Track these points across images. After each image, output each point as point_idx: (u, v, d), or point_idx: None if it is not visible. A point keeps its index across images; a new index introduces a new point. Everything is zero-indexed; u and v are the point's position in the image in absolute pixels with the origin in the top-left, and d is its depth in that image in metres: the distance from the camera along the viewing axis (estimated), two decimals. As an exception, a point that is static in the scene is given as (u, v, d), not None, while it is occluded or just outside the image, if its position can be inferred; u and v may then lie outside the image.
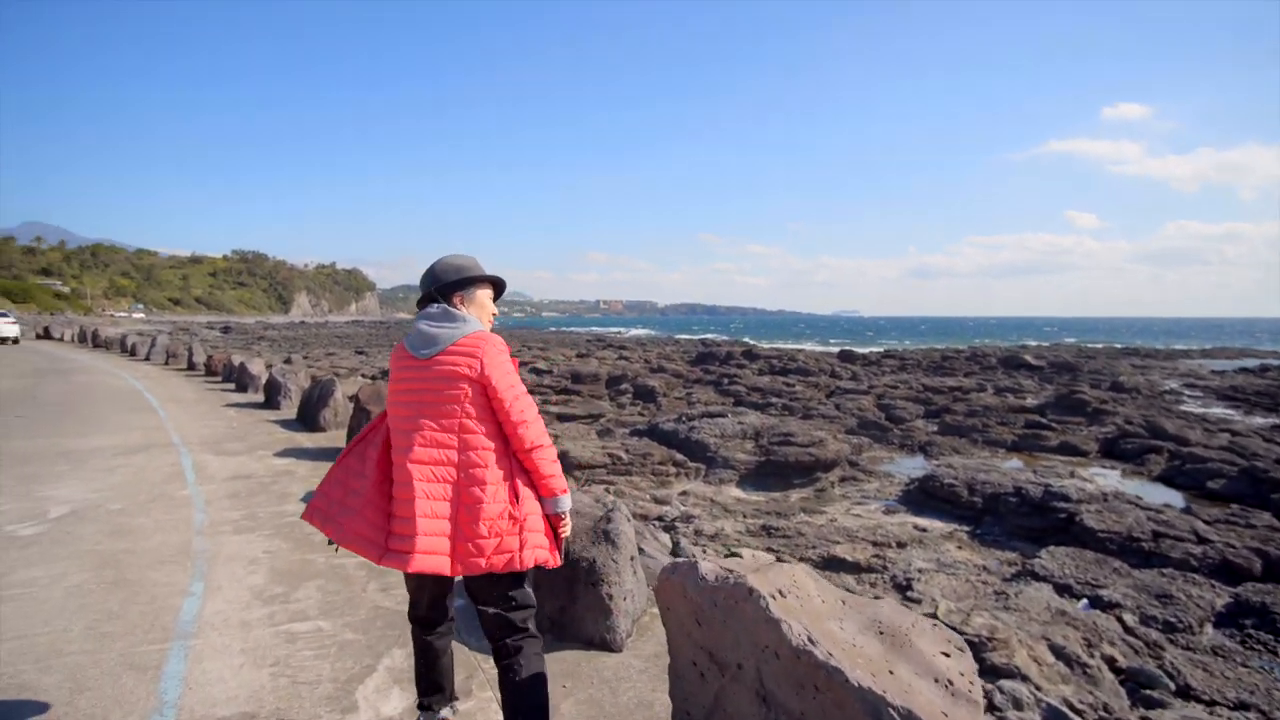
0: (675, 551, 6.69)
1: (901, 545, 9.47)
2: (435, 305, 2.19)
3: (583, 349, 45.30)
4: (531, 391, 23.19)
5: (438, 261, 2.25)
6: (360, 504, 2.09)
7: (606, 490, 11.43)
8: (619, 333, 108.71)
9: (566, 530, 2.20)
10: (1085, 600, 7.51)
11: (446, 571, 2.00)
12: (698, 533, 9.37)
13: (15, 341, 27.85)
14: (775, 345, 57.08)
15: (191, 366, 16.58)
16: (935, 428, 19.30)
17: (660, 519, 10.11)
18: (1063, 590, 7.69)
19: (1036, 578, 7.95)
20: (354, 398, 6.87)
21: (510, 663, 2.09)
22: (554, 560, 2.16)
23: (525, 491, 2.09)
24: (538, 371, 26.55)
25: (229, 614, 3.23)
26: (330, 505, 2.16)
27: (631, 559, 3.09)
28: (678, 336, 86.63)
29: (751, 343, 63.90)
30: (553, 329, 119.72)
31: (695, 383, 27.58)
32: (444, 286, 2.20)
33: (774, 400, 22.12)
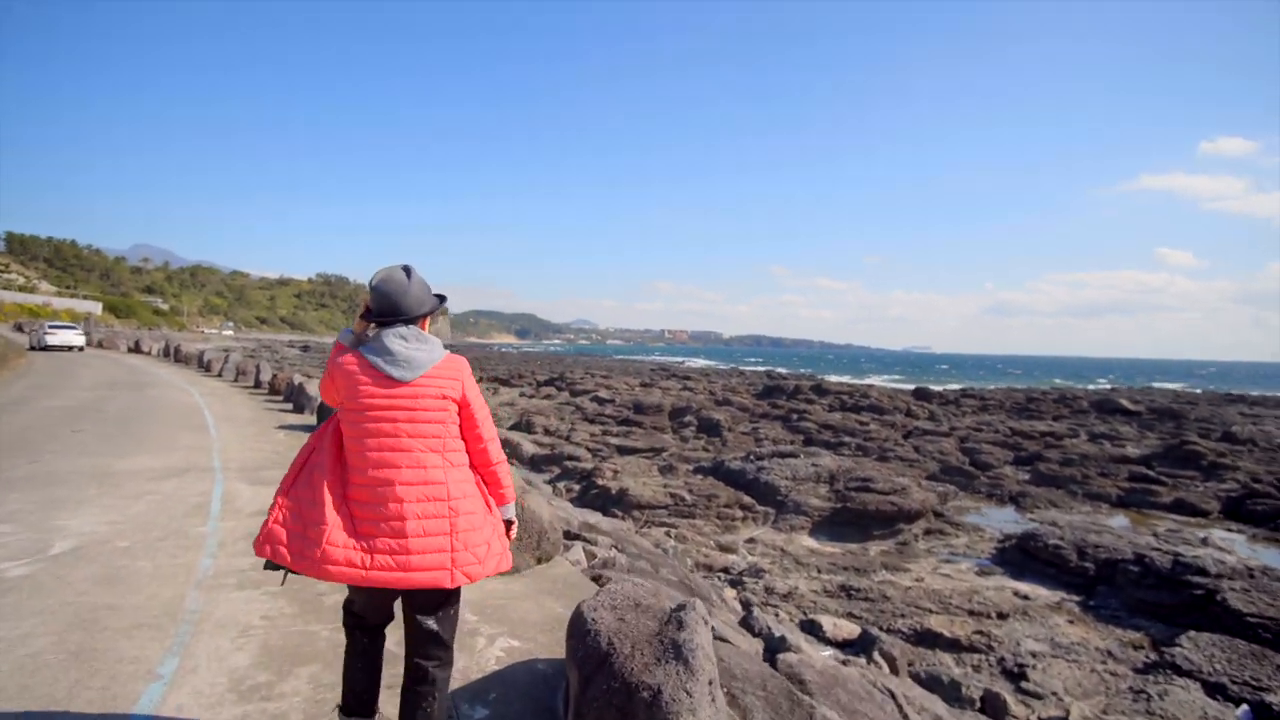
0: (747, 618, 5.78)
1: (1003, 616, 8.24)
2: (403, 325, 2.18)
3: (646, 378, 44.69)
4: (592, 420, 22.62)
5: (399, 285, 2.19)
6: (322, 534, 2.02)
7: (668, 534, 10.58)
8: (682, 363, 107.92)
9: (514, 533, 2.40)
10: (1245, 707, 6.18)
11: (447, 584, 2.06)
12: (769, 590, 8.38)
13: (81, 349, 30.96)
14: (843, 379, 55.09)
15: (258, 384, 16.66)
16: (1027, 476, 17.67)
17: (726, 571, 9.17)
18: (1215, 690, 6.38)
19: (1179, 671, 6.64)
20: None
21: (427, 690, 2.14)
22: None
23: (491, 500, 2.29)
24: (600, 400, 25.97)
25: (192, 714, 2.55)
26: (291, 540, 2.07)
27: (711, 683, 2.20)
28: (743, 368, 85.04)
29: (821, 377, 62.10)
30: (617, 357, 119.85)
31: (762, 417, 26.45)
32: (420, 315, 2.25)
33: (847, 440, 20.82)
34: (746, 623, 5.74)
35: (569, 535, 6.25)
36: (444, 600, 2.17)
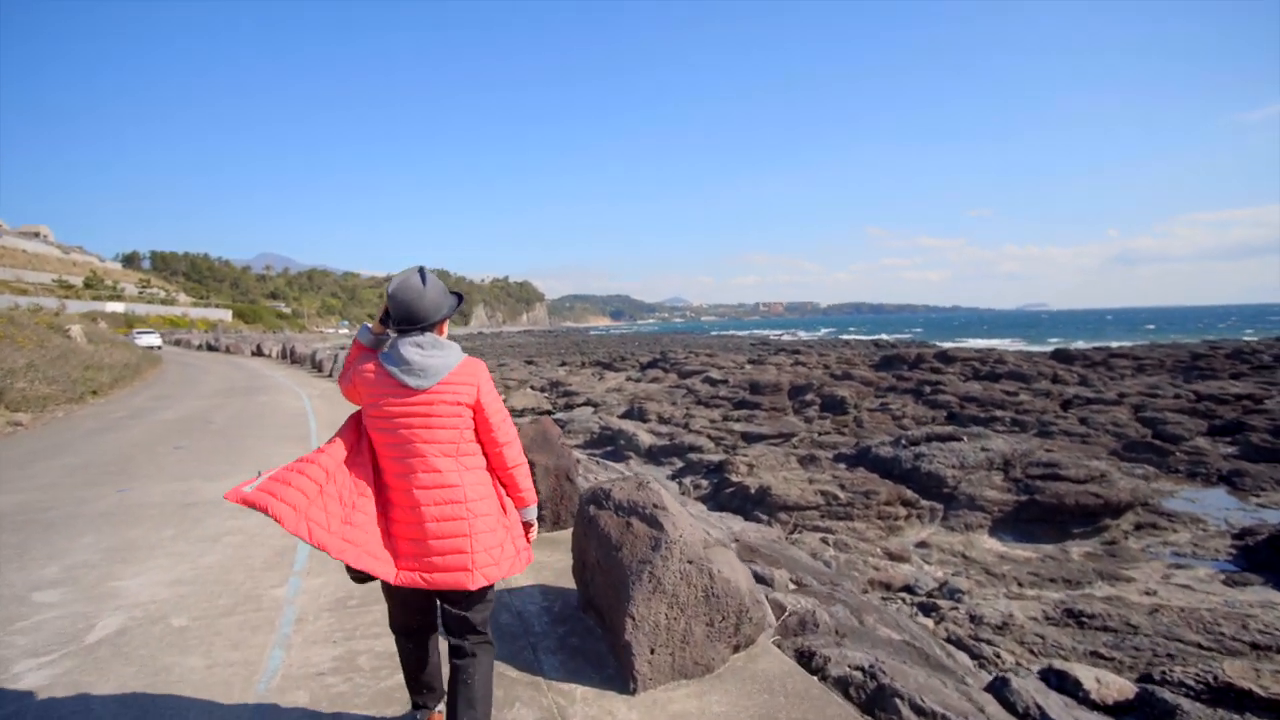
0: (1001, 689, 4.15)
1: (1305, 652, 6.16)
2: (420, 332, 2.15)
3: (751, 354, 42.71)
4: (706, 403, 21.12)
5: (414, 291, 2.13)
6: (364, 534, 2.04)
7: (824, 541, 8.96)
8: (781, 335, 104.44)
9: (534, 535, 2.39)
10: None
11: (469, 586, 2.08)
12: (975, 619, 6.64)
13: (159, 349, 36.83)
14: (957, 345, 50.88)
15: (365, 384, 16.19)
16: (1233, 450, 14.76)
17: (909, 590, 7.49)
18: None
19: None
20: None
21: (467, 663, 2.18)
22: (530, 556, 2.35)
23: (507, 502, 2.30)
24: (712, 381, 24.39)
25: None
26: (330, 523, 1.99)
27: None
28: (845, 337, 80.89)
29: (934, 343, 57.87)
30: (714, 333, 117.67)
31: (889, 391, 24.09)
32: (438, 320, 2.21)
33: (998, 414, 18.33)
34: (1001, 695, 4.12)
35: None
36: (471, 597, 2.18)
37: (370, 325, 2.26)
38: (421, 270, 2.17)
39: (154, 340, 39.84)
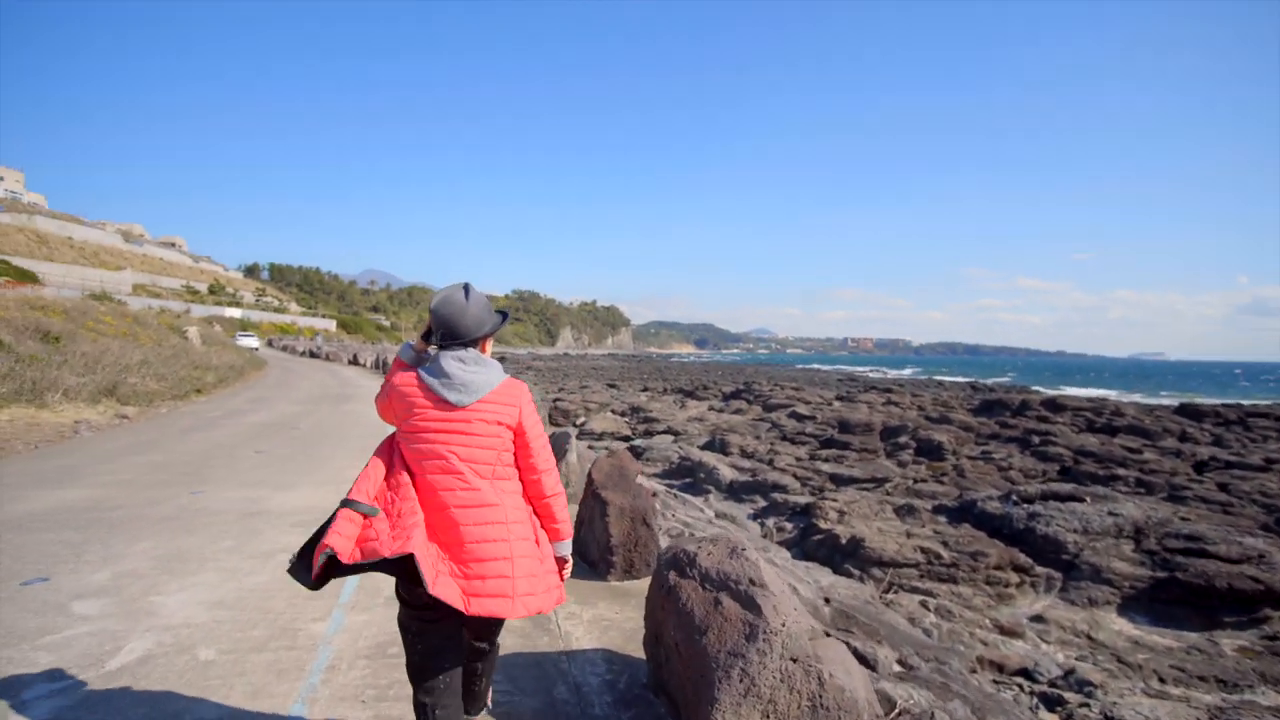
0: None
1: None
2: (462, 348, 2.09)
3: (839, 390, 41.05)
4: (792, 439, 20.16)
5: (457, 307, 2.09)
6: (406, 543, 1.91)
7: (924, 605, 8.02)
8: (869, 372, 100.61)
9: (568, 572, 2.24)
10: None
11: (510, 615, 1.97)
12: (1112, 723, 5.60)
13: (256, 350, 39.52)
14: (1059, 392, 47.20)
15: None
16: None
17: (1027, 675, 6.47)
18: None
19: None
20: (588, 474, 4.54)
21: (477, 664, 2.30)
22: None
23: (541, 533, 2.18)
24: (799, 417, 23.36)
25: None
26: (377, 540, 1.91)
27: None
28: (939, 378, 76.89)
29: (1035, 389, 54.12)
30: (799, 366, 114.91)
31: (991, 438, 22.35)
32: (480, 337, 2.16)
33: (1119, 472, 16.51)
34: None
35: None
36: (497, 625, 2.24)
37: (413, 342, 2.21)
38: (466, 286, 2.15)
39: (253, 342, 43.70)
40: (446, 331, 2.07)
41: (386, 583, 4.07)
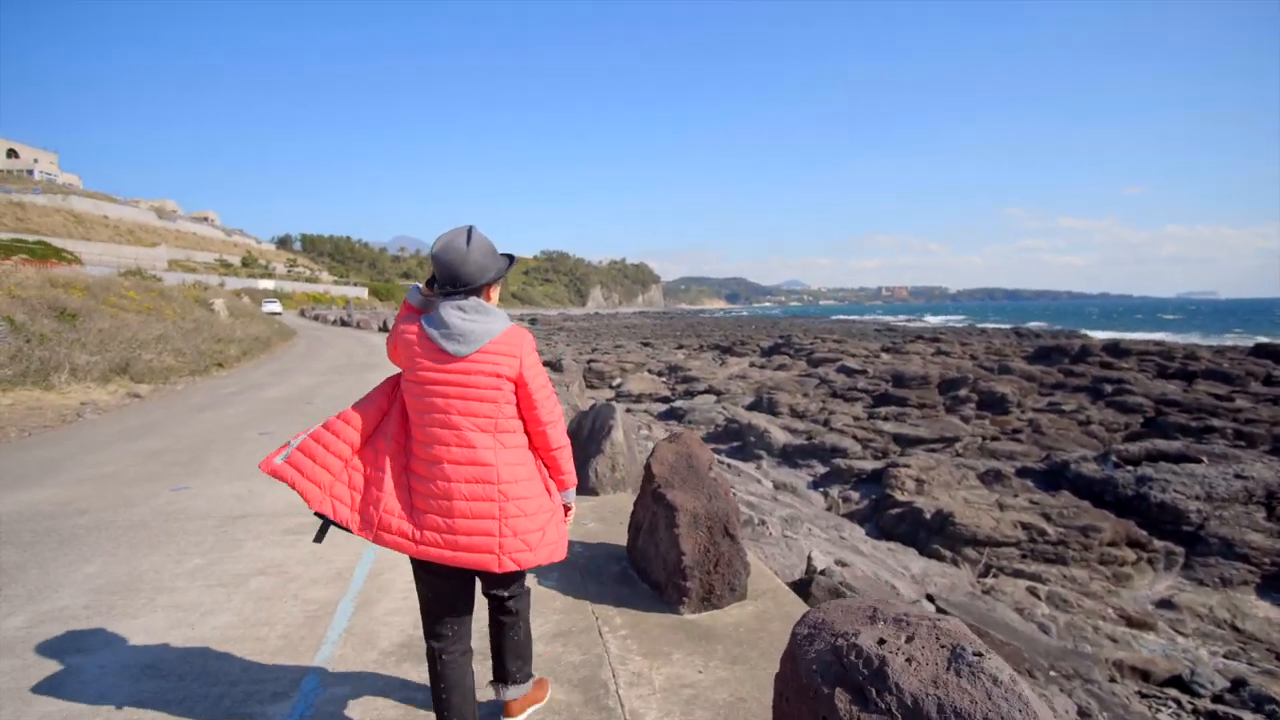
0: None
1: None
2: (464, 296, 1.98)
3: (884, 341, 39.33)
4: (844, 396, 18.87)
5: (457, 253, 1.95)
6: (380, 501, 1.94)
7: (1033, 592, 6.85)
8: (906, 321, 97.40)
9: (571, 519, 2.20)
10: None
11: (494, 568, 1.94)
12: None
13: (278, 314, 42.42)
14: (1107, 335, 44.68)
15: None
16: None
17: (1183, 688, 5.30)
18: None
19: None
20: (646, 466, 3.45)
21: (510, 620, 2.19)
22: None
23: (551, 484, 2.12)
24: (849, 371, 21.99)
25: None
26: (354, 503, 1.96)
27: None
28: (982, 325, 73.86)
29: (1084, 332, 51.50)
30: (834, 318, 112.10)
31: (1056, 388, 20.78)
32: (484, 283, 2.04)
33: (1213, 423, 14.94)
34: None
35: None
36: (507, 576, 2.11)
37: (420, 286, 2.08)
38: (470, 230, 2.01)
39: (275, 307, 46.33)
40: (448, 278, 1.97)
41: (389, 626, 3.03)
